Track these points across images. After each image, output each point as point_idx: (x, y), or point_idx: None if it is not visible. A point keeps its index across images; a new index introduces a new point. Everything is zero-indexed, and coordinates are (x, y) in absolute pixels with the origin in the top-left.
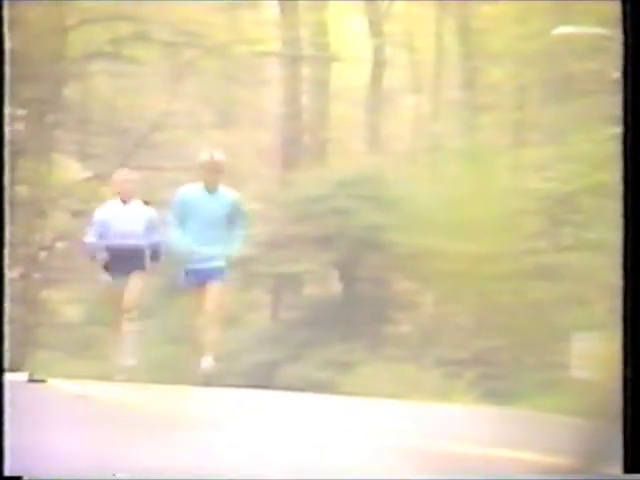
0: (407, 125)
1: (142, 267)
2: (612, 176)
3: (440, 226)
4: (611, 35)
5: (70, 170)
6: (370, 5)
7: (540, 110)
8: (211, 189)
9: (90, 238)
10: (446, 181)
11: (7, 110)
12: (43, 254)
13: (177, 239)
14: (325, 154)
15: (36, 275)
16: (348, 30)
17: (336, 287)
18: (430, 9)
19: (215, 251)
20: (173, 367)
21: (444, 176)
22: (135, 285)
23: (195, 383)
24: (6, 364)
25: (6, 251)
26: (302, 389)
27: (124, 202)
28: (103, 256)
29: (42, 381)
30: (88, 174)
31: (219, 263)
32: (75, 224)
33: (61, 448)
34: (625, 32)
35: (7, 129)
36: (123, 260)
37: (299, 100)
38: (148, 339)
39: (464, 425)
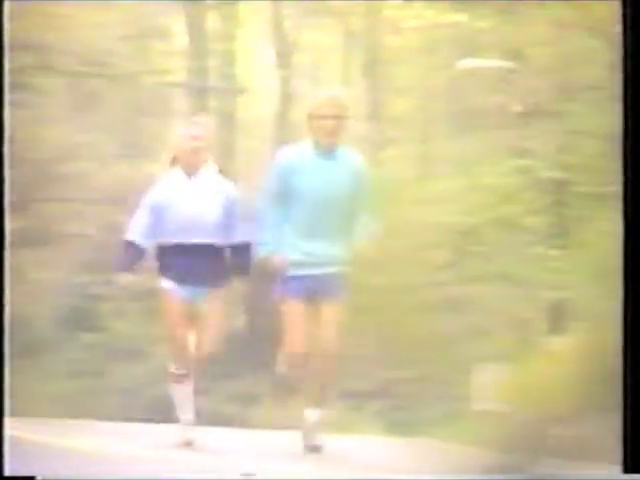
0: None
1: (219, 282)
2: (515, 208)
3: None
4: (515, 68)
5: None
6: (277, 35)
7: (445, 143)
8: (327, 149)
9: (132, 235)
10: None
11: None
12: None
13: (274, 230)
14: None
15: None
16: (256, 61)
17: (241, 320)
18: (337, 40)
19: (334, 249)
20: None
21: None
22: (212, 316)
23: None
24: None
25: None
26: (210, 423)
27: (189, 175)
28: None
29: None
30: None
31: (337, 268)
32: None
33: None
34: (625, 78)
35: None
36: (189, 267)
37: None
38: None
39: (368, 455)
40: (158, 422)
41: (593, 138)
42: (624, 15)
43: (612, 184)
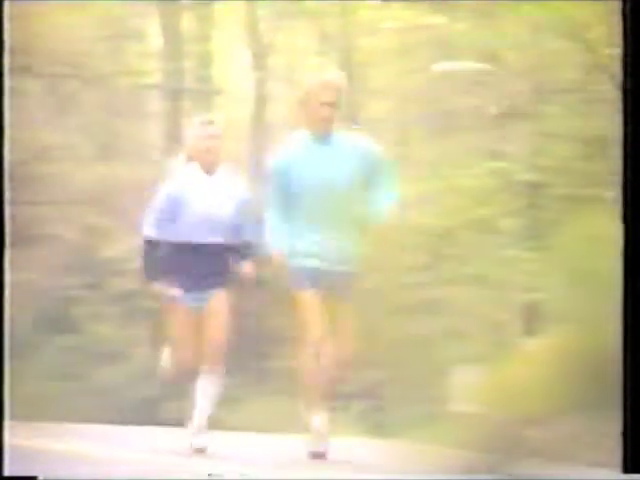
0: None
1: (224, 282)
2: (491, 210)
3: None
4: (491, 71)
5: None
6: (253, 37)
7: (421, 145)
8: (323, 136)
9: (150, 229)
10: None
11: None
12: None
13: (276, 226)
14: None
15: None
16: (231, 63)
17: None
18: (313, 42)
19: (342, 240)
20: None
21: None
22: (218, 313)
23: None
24: None
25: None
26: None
27: (208, 173)
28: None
29: None
30: None
31: (345, 267)
32: None
33: None
34: (625, 82)
35: None
36: (199, 266)
37: (181, 134)
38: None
39: (349, 457)
40: (143, 424)
41: (568, 141)
42: (624, 16)
43: (587, 186)
